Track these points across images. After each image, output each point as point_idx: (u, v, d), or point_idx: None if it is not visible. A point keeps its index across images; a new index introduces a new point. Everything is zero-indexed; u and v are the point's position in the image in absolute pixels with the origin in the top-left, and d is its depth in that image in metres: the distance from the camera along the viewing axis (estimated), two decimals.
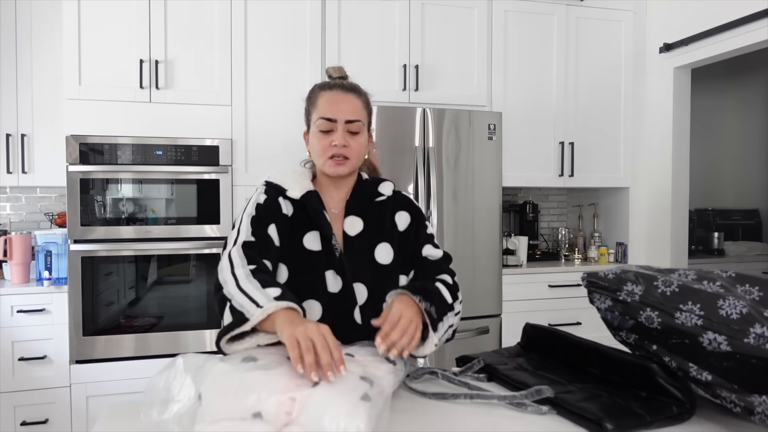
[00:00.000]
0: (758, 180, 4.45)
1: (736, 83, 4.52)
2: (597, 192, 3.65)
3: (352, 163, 1.25)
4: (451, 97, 3.12)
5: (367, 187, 1.33)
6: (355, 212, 1.30)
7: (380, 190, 1.33)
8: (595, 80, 3.41)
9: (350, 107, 1.24)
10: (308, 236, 1.24)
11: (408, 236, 1.32)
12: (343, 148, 1.22)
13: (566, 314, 3.13)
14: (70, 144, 2.57)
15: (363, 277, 1.24)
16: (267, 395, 0.82)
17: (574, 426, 0.93)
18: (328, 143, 1.23)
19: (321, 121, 1.23)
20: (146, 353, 2.64)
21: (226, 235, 2.76)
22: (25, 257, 2.69)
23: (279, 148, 2.85)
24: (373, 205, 1.32)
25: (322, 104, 1.24)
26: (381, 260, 1.27)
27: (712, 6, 2.93)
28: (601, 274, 1.08)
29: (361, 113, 1.25)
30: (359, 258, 1.25)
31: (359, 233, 1.28)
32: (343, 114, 1.22)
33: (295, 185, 1.26)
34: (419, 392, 1.07)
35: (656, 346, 0.98)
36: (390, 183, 1.36)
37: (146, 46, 2.71)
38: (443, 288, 1.20)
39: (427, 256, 1.30)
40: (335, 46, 2.94)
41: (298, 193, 1.25)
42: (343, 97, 1.24)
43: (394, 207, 1.34)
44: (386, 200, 1.33)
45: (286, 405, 0.81)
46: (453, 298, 1.21)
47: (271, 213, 1.24)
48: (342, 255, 1.23)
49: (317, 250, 1.23)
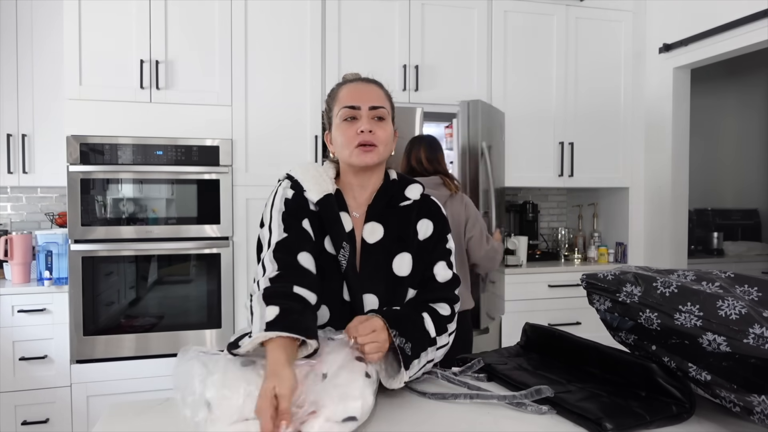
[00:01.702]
0: (757, 180, 4.45)
1: (736, 83, 4.52)
2: (597, 192, 3.65)
3: (379, 151, 1.17)
4: (452, 97, 3.13)
5: (393, 190, 1.25)
6: (376, 218, 1.21)
7: (407, 194, 1.25)
8: (594, 80, 3.41)
9: (374, 94, 1.20)
10: (328, 239, 1.18)
11: (426, 247, 1.23)
12: (370, 134, 1.16)
13: (566, 314, 3.13)
14: (71, 144, 2.57)
15: (376, 288, 1.17)
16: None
17: (573, 426, 0.93)
18: (354, 132, 1.16)
19: (345, 109, 1.18)
20: (146, 353, 2.65)
21: (227, 235, 2.78)
22: (25, 257, 2.69)
23: (279, 148, 2.85)
24: (397, 210, 1.23)
25: (344, 95, 1.20)
26: (399, 272, 1.19)
27: (712, 6, 2.94)
28: (600, 275, 1.08)
29: (384, 102, 1.21)
30: (375, 268, 1.18)
31: (378, 241, 1.19)
32: (368, 100, 1.18)
33: (314, 186, 1.19)
34: (419, 392, 1.07)
35: (655, 346, 0.98)
36: (419, 186, 1.28)
37: (146, 47, 2.71)
38: (429, 321, 1.12)
39: (435, 276, 1.21)
40: (335, 46, 2.95)
41: (316, 196, 1.18)
42: (365, 86, 1.21)
43: (418, 213, 1.25)
44: (411, 205, 1.25)
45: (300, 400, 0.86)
46: (440, 331, 1.13)
47: (301, 207, 1.18)
48: (348, 267, 1.15)
49: (335, 255, 1.17)
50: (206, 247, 2.74)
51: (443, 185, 2.22)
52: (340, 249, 1.15)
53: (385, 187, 1.25)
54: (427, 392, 1.06)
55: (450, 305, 1.19)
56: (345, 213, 1.21)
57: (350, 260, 1.16)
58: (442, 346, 1.15)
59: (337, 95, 1.22)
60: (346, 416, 0.86)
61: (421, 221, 1.24)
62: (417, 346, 1.07)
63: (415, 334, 1.08)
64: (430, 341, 1.10)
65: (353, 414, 0.87)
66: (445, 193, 2.20)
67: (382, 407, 1.01)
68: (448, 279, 1.22)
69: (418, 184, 1.28)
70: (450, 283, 1.22)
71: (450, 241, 1.27)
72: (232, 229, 2.77)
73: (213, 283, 2.75)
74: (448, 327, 1.16)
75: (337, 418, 0.85)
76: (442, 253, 1.24)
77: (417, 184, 1.28)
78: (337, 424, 0.85)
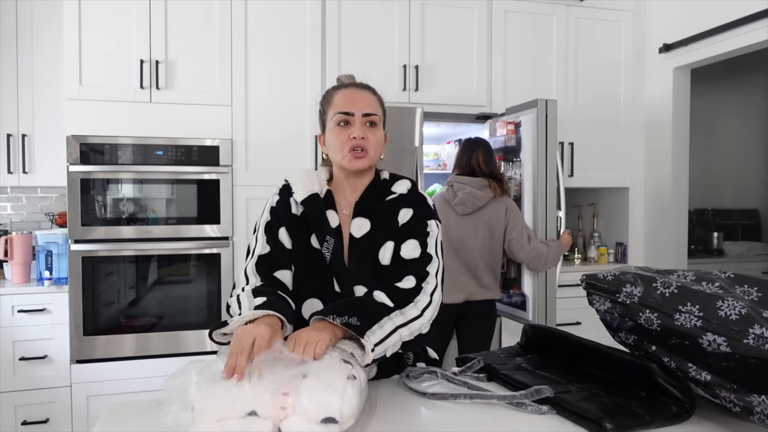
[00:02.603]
0: (757, 180, 4.45)
1: (736, 83, 4.52)
2: (597, 192, 3.65)
3: (370, 156, 1.24)
4: (451, 98, 3.13)
5: (381, 187, 1.31)
6: (362, 214, 1.27)
7: (393, 189, 1.30)
8: (594, 80, 3.41)
9: (367, 101, 1.26)
10: (314, 235, 1.25)
11: (403, 230, 1.25)
12: (362, 140, 1.22)
13: (566, 314, 3.13)
14: (71, 144, 2.57)
15: (364, 280, 1.21)
16: (258, 394, 0.84)
17: (573, 426, 0.93)
18: (347, 137, 1.23)
19: (339, 115, 1.24)
20: (146, 353, 2.65)
21: (227, 234, 2.78)
22: (25, 257, 2.69)
23: (279, 148, 2.85)
24: (383, 204, 1.28)
25: (338, 101, 1.26)
26: (384, 261, 1.22)
27: (712, 6, 2.94)
28: (600, 276, 1.08)
29: (377, 108, 1.27)
30: (362, 261, 1.23)
31: (365, 235, 1.25)
32: (361, 107, 1.24)
33: (301, 188, 1.26)
34: (419, 392, 1.07)
35: (655, 346, 0.98)
36: (407, 181, 1.32)
37: (147, 47, 2.71)
38: (381, 295, 1.11)
39: (400, 253, 1.21)
40: (335, 46, 2.95)
41: (301, 196, 1.25)
42: (359, 93, 1.27)
43: (403, 204, 1.28)
44: (398, 198, 1.29)
45: (279, 400, 0.84)
46: (402, 303, 1.11)
47: (281, 215, 1.27)
48: (334, 260, 1.20)
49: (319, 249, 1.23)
50: (206, 247, 2.74)
51: (489, 187, 2.43)
52: (324, 243, 1.22)
53: (373, 185, 1.31)
54: (427, 392, 1.07)
55: (417, 279, 1.16)
56: (333, 211, 1.27)
57: (337, 254, 1.21)
58: (416, 318, 1.11)
59: (332, 99, 1.27)
60: (325, 416, 0.84)
61: (402, 210, 1.27)
62: (368, 316, 1.05)
63: (360, 308, 1.07)
64: (388, 309, 1.09)
65: (332, 415, 0.84)
66: (489, 194, 2.42)
67: (382, 407, 1.01)
68: (415, 257, 1.20)
69: (407, 180, 1.32)
70: (417, 261, 1.20)
71: (431, 226, 1.25)
72: (232, 229, 2.77)
73: (213, 283, 2.75)
74: (414, 298, 1.13)
75: (316, 418, 0.83)
76: (416, 233, 1.23)
77: (406, 180, 1.32)
78: (317, 424, 0.83)
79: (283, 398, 0.84)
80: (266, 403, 0.84)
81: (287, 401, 0.84)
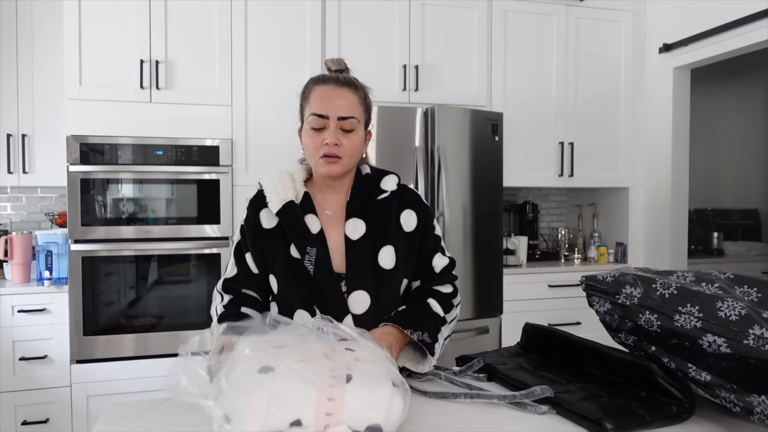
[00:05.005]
0: (757, 180, 4.45)
1: (736, 83, 4.52)
2: (596, 192, 3.65)
3: (344, 162, 1.17)
4: (451, 97, 3.13)
5: (368, 185, 1.26)
6: (356, 214, 1.22)
7: (383, 187, 1.25)
8: (594, 80, 3.41)
9: (344, 103, 1.16)
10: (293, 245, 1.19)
11: (414, 238, 1.25)
12: (335, 147, 1.15)
13: (566, 314, 3.13)
14: (71, 144, 2.57)
15: (365, 284, 1.18)
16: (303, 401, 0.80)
17: (573, 426, 0.93)
18: (320, 141, 1.15)
19: (312, 117, 1.16)
20: (146, 353, 2.65)
21: (227, 235, 2.79)
22: (25, 257, 2.69)
23: (279, 147, 2.85)
24: (376, 204, 1.24)
25: (314, 99, 1.17)
26: (384, 264, 1.20)
27: (712, 6, 2.94)
28: (600, 277, 1.08)
29: (356, 109, 1.18)
30: (361, 264, 1.18)
31: (362, 236, 1.20)
32: (336, 110, 1.15)
33: (274, 197, 1.21)
34: (420, 392, 1.07)
35: (655, 347, 0.98)
36: (393, 177, 1.28)
37: (146, 47, 2.71)
38: (435, 304, 1.22)
39: (434, 268, 1.28)
40: (335, 46, 2.95)
41: (276, 207, 1.20)
42: (336, 92, 1.17)
43: (399, 205, 1.25)
44: (390, 197, 1.25)
45: (324, 406, 0.80)
46: (447, 309, 1.24)
47: (249, 236, 1.26)
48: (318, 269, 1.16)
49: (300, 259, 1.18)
50: (206, 247, 2.74)
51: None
52: (305, 254, 1.17)
53: (359, 182, 1.26)
54: (427, 392, 1.07)
55: (451, 283, 1.30)
56: (312, 215, 1.22)
57: (322, 264, 1.17)
58: (453, 320, 1.26)
59: (309, 97, 1.20)
60: (370, 424, 0.80)
61: (403, 212, 1.26)
62: (433, 330, 1.17)
63: (427, 321, 1.17)
64: (442, 320, 1.21)
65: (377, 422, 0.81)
66: None
67: None
68: (445, 266, 1.29)
69: (393, 175, 1.29)
70: (447, 268, 1.30)
71: (436, 227, 1.31)
72: (232, 229, 2.77)
73: (213, 283, 2.73)
74: (453, 302, 1.27)
75: (361, 426, 0.80)
76: (434, 244, 1.29)
77: (392, 175, 1.29)
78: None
79: (328, 404, 0.80)
80: (311, 410, 0.79)
81: (332, 406, 0.80)
